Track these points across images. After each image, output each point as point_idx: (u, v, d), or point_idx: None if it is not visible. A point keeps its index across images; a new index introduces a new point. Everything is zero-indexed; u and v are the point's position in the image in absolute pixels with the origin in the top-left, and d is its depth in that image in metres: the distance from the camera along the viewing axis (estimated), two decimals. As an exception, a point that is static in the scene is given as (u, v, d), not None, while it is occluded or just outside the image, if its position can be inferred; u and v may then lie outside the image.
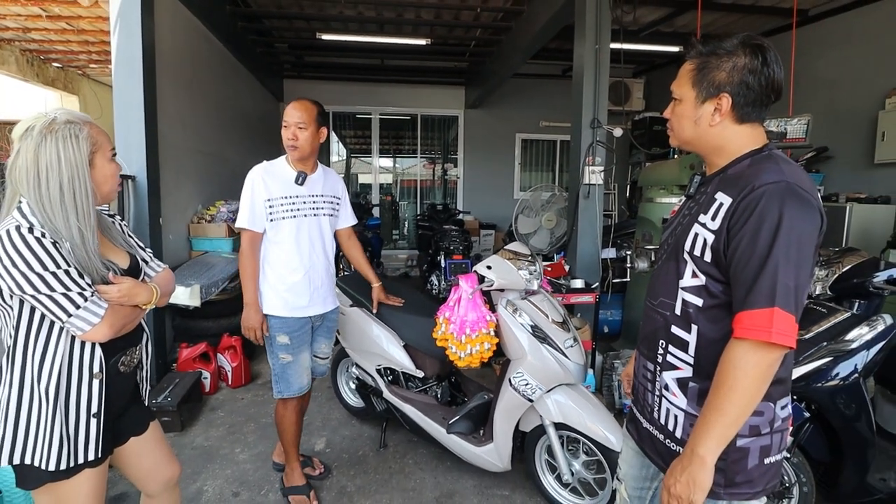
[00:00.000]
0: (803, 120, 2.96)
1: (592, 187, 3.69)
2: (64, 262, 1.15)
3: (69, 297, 1.15)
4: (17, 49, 6.80)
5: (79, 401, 1.24)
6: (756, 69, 1.00)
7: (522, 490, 2.35)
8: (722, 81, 1.02)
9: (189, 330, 3.65)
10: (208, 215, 4.29)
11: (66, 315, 1.16)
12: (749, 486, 1.04)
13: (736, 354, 0.95)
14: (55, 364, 1.20)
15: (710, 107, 1.04)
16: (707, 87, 1.04)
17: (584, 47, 3.65)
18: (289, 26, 6.12)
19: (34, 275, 1.12)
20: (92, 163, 1.21)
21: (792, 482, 1.82)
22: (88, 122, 1.23)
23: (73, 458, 1.24)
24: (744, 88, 1.01)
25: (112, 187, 1.29)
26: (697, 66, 1.06)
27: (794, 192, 0.93)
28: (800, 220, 0.92)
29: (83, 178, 1.18)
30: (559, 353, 2.04)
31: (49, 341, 1.20)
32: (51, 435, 1.21)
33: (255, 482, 2.41)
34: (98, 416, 1.27)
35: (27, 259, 1.11)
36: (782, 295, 0.91)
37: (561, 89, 7.37)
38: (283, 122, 2.03)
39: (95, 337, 1.22)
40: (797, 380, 1.73)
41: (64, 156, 1.15)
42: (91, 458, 1.27)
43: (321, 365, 2.36)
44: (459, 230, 5.62)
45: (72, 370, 1.23)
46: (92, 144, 1.21)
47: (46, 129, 1.15)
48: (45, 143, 1.14)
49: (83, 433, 1.25)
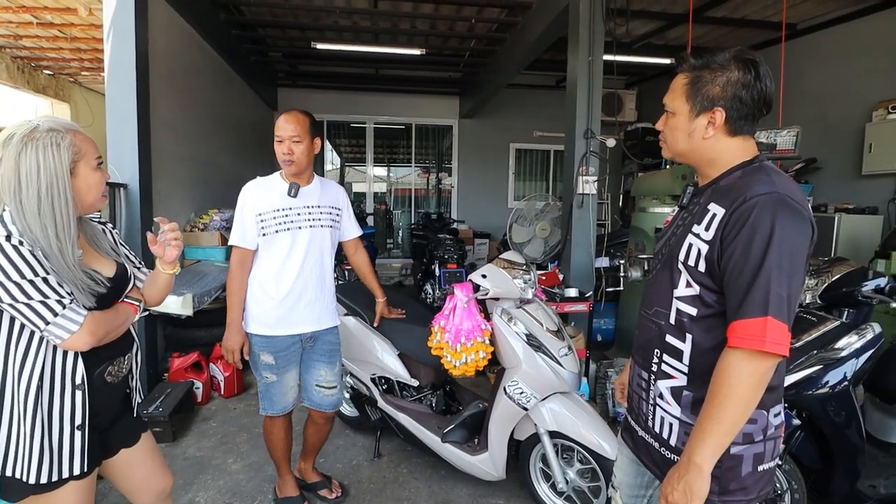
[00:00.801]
0: (792, 132, 3.02)
1: (586, 197, 3.72)
2: (42, 270, 1.13)
3: (47, 304, 1.13)
4: (8, 56, 6.77)
5: (62, 413, 1.21)
6: (749, 83, 1.02)
7: (517, 499, 2.35)
8: (716, 95, 1.03)
9: (181, 339, 3.62)
10: (201, 223, 4.27)
11: (43, 323, 1.13)
12: (743, 494, 1.05)
13: (730, 363, 0.96)
14: (34, 375, 1.18)
15: (704, 120, 1.06)
16: (701, 101, 1.05)
17: (577, 59, 3.71)
18: (283, 35, 6.14)
19: (11, 283, 1.10)
20: (74, 171, 1.19)
21: (783, 489, 1.83)
22: (73, 130, 1.21)
23: (56, 471, 1.21)
24: (737, 102, 1.02)
25: (96, 196, 1.26)
26: (691, 80, 1.07)
27: (786, 203, 0.95)
28: (791, 230, 0.94)
29: (62, 187, 1.16)
30: (554, 362, 2.04)
31: (28, 352, 1.18)
32: (30, 448, 1.18)
33: (247, 493, 2.38)
34: (82, 429, 1.24)
35: (4, 267, 1.09)
36: (775, 304, 0.93)
37: (555, 100, 7.44)
38: (277, 136, 1.94)
39: (75, 345, 1.18)
40: (788, 388, 1.74)
41: (43, 164, 1.13)
42: (77, 473, 1.24)
43: (327, 396, 2.14)
44: (454, 239, 5.64)
45: (54, 381, 1.20)
46: (74, 153, 1.18)
47: (28, 137, 1.13)
48: (26, 151, 1.13)
49: (67, 446, 1.23)
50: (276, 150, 1.97)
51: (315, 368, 2.13)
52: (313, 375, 2.13)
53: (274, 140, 1.97)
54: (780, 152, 3.01)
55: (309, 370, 2.13)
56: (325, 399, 2.16)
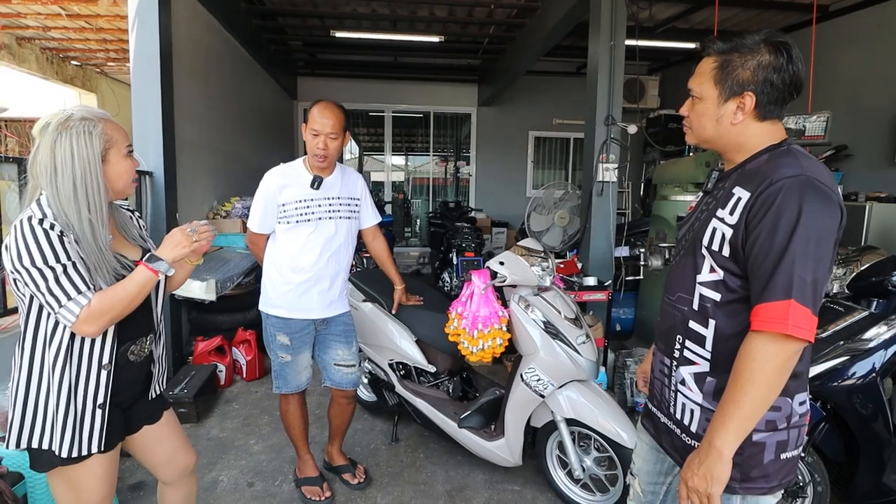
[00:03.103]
0: (822, 117, 2.91)
1: (606, 185, 3.66)
2: (65, 255, 1.17)
3: (63, 288, 1.16)
4: (38, 47, 6.94)
5: (86, 391, 1.26)
6: (781, 67, 0.99)
7: (533, 485, 2.36)
8: (746, 80, 1.01)
9: (204, 324, 3.71)
10: (223, 211, 4.35)
11: (58, 305, 1.17)
12: (765, 481, 1.04)
13: (753, 347, 0.95)
14: (61, 350, 1.23)
15: (733, 105, 1.03)
16: (731, 86, 1.03)
17: (598, 44, 3.63)
18: (303, 24, 6.16)
19: (34, 269, 1.14)
20: (105, 159, 1.24)
21: (806, 482, 1.80)
22: (105, 119, 1.25)
23: (77, 447, 1.26)
24: (768, 87, 1.00)
25: (126, 183, 1.31)
26: (720, 63, 1.04)
27: (814, 186, 0.93)
28: (819, 213, 0.92)
29: (95, 174, 1.20)
30: (571, 350, 2.04)
31: (56, 330, 1.23)
32: (63, 422, 1.24)
33: (269, 472, 2.45)
34: (103, 408, 1.29)
35: (31, 251, 1.14)
36: (798, 288, 0.91)
37: (575, 86, 7.32)
38: (313, 129, 1.93)
39: (83, 330, 1.20)
40: (813, 378, 1.71)
41: (77, 152, 1.18)
42: (94, 451, 1.29)
43: (347, 374, 2.21)
44: (471, 228, 5.63)
45: (81, 358, 1.25)
46: (105, 141, 1.23)
47: (62, 126, 1.18)
48: (61, 139, 1.18)
49: (88, 423, 1.27)
50: (307, 141, 1.97)
51: (332, 348, 2.19)
52: (331, 355, 2.20)
53: (303, 130, 1.99)
54: (808, 138, 2.91)
55: (326, 350, 2.20)
56: (344, 377, 2.22)
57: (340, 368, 2.21)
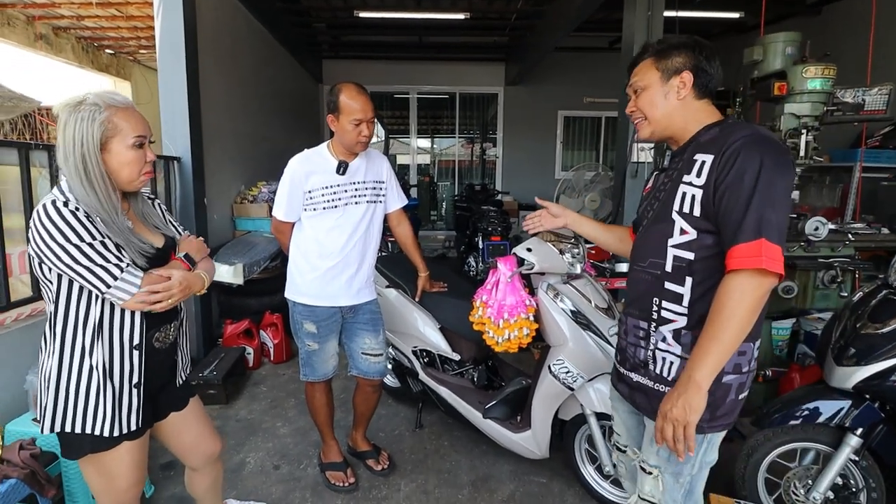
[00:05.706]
0: (884, 90, 2.64)
1: (640, 165, 3.50)
2: (98, 234, 1.17)
3: (107, 268, 1.17)
4: (73, 37, 7.11)
5: (122, 370, 1.28)
6: (706, 59, 1.17)
7: (560, 478, 2.30)
8: (682, 63, 1.17)
9: (233, 307, 3.77)
10: (250, 195, 4.38)
11: (104, 286, 1.17)
12: (724, 419, 1.16)
13: (731, 286, 1.03)
14: (95, 334, 1.24)
15: (676, 81, 1.17)
16: (670, 69, 1.17)
17: (634, 15, 3.43)
18: (326, 5, 6.08)
19: (72, 246, 1.14)
20: (106, 147, 1.20)
21: (860, 487, 1.67)
22: (114, 106, 1.21)
23: (117, 426, 1.27)
24: (701, 70, 1.16)
25: (130, 175, 1.25)
26: (657, 58, 1.20)
27: (771, 141, 1.06)
28: (778, 164, 1.03)
29: (94, 160, 1.19)
30: (603, 341, 1.94)
31: (90, 312, 1.23)
32: (103, 402, 1.25)
33: (294, 456, 2.47)
34: (138, 387, 1.31)
35: (63, 231, 1.14)
36: (767, 228, 1.01)
37: (607, 62, 7.02)
38: (356, 118, 1.89)
39: (137, 305, 1.23)
40: (871, 377, 1.57)
41: (79, 135, 1.17)
42: (133, 429, 1.30)
43: (374, 363, 2.19)
44: (498, 211, 5.50)
45: (113, 340, 1.26)
46: (107, 129, 1.19)
47: (74, 109, 1.18)
48: (70, 120, 1.18)
49: (126, 402, 1.29)
50: (346, 131, 1.92)
51: (359, 337, 2.17)
52: (358, 344, 2.18)
53: (331, 121, 1.95)
54: (868, 113, 2.65)
55: (353, 339, 2.18)
56: (371, 367, 2.20)
57: (368, 357, 2.19)
